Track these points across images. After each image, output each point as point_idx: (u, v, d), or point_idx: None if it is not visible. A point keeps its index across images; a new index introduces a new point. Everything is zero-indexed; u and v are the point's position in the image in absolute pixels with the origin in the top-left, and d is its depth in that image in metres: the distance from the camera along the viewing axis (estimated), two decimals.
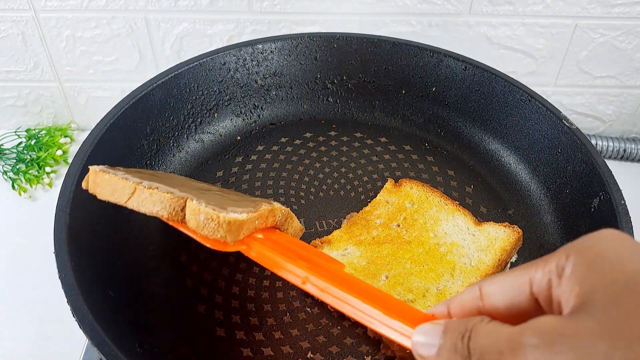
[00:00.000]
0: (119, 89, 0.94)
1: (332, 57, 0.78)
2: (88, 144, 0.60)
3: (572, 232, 0.62)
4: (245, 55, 0.76)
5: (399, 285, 0.57)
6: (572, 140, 0.65)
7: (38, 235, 0.80)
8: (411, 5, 0.84)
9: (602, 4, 0.83)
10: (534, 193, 0.69)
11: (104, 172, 0.48)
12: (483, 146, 0.75)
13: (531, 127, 0.70)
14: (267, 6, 0.84)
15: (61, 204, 0.54)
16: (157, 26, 0.86)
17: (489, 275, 0.58)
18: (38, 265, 0.76)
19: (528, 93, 0.70)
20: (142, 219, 0.65)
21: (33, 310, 0.72)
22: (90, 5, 0.84)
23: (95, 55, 0.90)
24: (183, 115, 0.73)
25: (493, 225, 0.63)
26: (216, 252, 0.63)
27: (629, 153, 0.94)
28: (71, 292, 0.48)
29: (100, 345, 0.44)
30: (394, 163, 0.75)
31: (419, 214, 0.64)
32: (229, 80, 0.76)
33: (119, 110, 0.65)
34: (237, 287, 0.60)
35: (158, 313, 0.57)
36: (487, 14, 0.85)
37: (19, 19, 0.85)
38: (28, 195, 0.87)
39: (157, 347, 0.54)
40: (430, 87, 0.78)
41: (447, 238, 0.62)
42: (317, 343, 0.55)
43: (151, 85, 0.68)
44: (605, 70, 0.91)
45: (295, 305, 0.58)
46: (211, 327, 0.56)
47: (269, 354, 0.54)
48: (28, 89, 0.94)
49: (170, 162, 0.71)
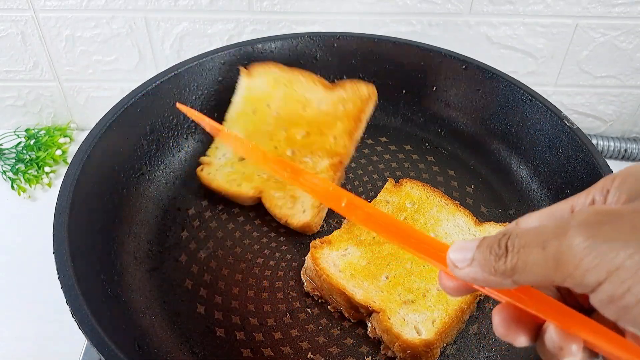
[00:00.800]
0: (119, 89, 0.94)
1: (332, 57, 0.78)
2: (87, 144, 0.60)
3: None
4: (245, 55, 0.76)
5: (400, 285, 0.57)
6: (572, 140, 0.65)
7: (37, 235, 0.79)
8: (411, 5, 0.84)
9: (603, 4, 0.82)
10: (535, 193, 0.69)
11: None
12: (483, 146, 0.75)
13: (532, 127, 0.70)
14: (267, 6, 0.84)
15: (60, 204, 0.54)
16: (156, 26, 0.86)
17: None
18: (38, 265, 0.76)
19: (529, 93, 0.70)
20: (142, 219, 0.65)
21: (33, 310, 0.71)
22: (89, 5, 0.84)
23: (95, 55, 0.90)
24: (183, 115, 0.73)
25: (494, 225, 0.63)
26: (216, 251, 0.63)
27: (630, 153, 0.93)
28: (71, 292, 0.47)
29: (100, 346, 0.44)
30: (395, 163, 0.74)
31: (419, 214, 0.64)
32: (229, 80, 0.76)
33: (118, 110, 0.65)
34: (236, 287, 0.60)
35: (157, 313, 0.57)
36: (487, 13, 0.84)
37: (18, 18, 0.85)
38: (27, 195, 0.87)
39: (156, 348, 0.53)
40: (431, 87, 0.78)
41: (447, 238, 0.62)
42: (317, 344, 0.55)
43: (151, 85, 0.68)
44: (606, 70, 0.91)
45: (295, 305, 0.58)
46: (211, 327, 0.56)
47: (269, 354, 0.54)
48: (27, 88, 0.94)
49: (170, 162, 0.71)
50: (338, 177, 0.67)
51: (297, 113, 0.70)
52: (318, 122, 0.69)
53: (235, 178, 0.67)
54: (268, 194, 0.65)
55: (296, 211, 0.63)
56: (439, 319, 0.54)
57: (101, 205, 0.61)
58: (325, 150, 0.67)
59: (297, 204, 0.64)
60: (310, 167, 0.66)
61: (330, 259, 0.58)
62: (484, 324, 0.57)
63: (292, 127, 0.69)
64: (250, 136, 0.69)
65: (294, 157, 0.67)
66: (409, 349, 0.52)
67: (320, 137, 0.68)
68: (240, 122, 0.71)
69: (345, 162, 0.68)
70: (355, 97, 0.69)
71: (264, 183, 0.66)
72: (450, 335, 0.55)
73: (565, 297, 0.33)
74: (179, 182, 0.70)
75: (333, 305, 0.58)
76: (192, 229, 0.65)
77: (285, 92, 0.71)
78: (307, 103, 0.70)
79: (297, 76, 0.72)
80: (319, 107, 0.70)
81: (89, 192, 0.58)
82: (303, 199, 0.64)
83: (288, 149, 0.68)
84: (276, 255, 0.63)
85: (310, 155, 0.67)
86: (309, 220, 0.63)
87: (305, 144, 0.68)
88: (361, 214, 0.38)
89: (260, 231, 0.65)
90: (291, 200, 0.64)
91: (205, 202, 0.68)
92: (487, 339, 0.56)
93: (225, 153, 0.70)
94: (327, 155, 0.67)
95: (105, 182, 0.62)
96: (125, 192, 0.65)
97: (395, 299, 0.55)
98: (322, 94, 0.70)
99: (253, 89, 0.72)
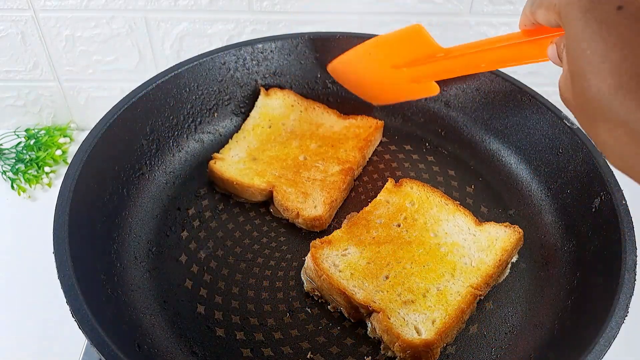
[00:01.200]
0: (119, 89, 0.94)
1: (332, 56, 0.77)
2: (87, 144, 0.60)
3: (573, 232, 0.62)
4: (245, 54, 0.76)
5: (400, 285, 0.57)
6: (573, 140, 0.65)
7: (37, 235, 0.79)
8: (411, 5, 0.84)
9: None
10: (535, 193, 0.69)
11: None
12: (484, 146, 0.75)
13: (532, 126, 0.70)
14: (267, 6, 0.84)
15: (60, 204, 0.54)
16: (156, 26, 0.86)
17: (489, 275, 0.58)
18: (38, 265, 0.76)
19: (529, 93, 0.70)
20: (142, 219, 0.65)
21: (33, 310, 0.72)
22: (89, 5, 0.84)
23: (95, 55, 0.90)
24: (183, 115, 0.73)
25: (494, 225, 0.63)
26: (216, 251, 0.63)
27: None
28: (71, 292, 0.47)
29: (100, 345, 0.44)
30: (395, 163, 0.74)
31: (419, 213, 0.64)
32: (228, 80, 0.76)
33: (118, 110, 0.65)
34: (236, 287, 0.60)
35: (157, 313, 0.57)
36: (487, 13, 0.84)
37: (18, 18, 0.85)
38: (27, 195, 0.87)
39: (156, 348, 0.53)
40: None
41: (447, 238, 0.62)
42: (317, 343, 0.55)
43: (151, 85, 0.68)
44: None
45: (295, 305, 0.58)
46: (211, 327, 0.56)
47: (269, 354, 0.54)
48: (27, 88, 0.94)
49: (170, 162, 0.71)
50: (348, 181, 0.68)
51: (310, 130, 0.74)
52: (331, 139, 0.73)
53: (248, 173, 0.68)
54: (280, 188, 0.66)
55: (308, 205, 0.65)
56: (439, 318, 0.54)
57: (101, 205, 0.61)
58: (336, 158, 0.70)
59: (308, 200, 0.65)
60: (321, 171, 0.68)
61: (330, 259, 0.58)
62: (484, 324, 0.57)
63: (305, 139, 0.73)
64: (264, 144, 0.72)
65: (306, 161, 0.70)
66: (409, 349, 0.52)
67: (332, 149, 0.71)
68: (255, 132, 0.74)
69: (355, 171, 0.70)
70: (365, 125, 0.74)
71: (276, 179, 0.67)
72: (450, 335, 0.55)
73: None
74: (179, 182, 0.70)
75: (333, 305, 0.58)
76: (192, 229, 0.65)
77: (301, 115, 0.75)
78: (320, 125, 0.74)
79: (312, 105, 0.77)
80: (332, 129, 0.74)
81: (89, 192, 0.58)
82: (315, 196, 0.66)
83: (301, 155, 0.70)
84: (276, 255, 0.63)
85: (322, 161, 0.70)
86: (320, 214, 0.64)
87: (318, 153, 0.71)
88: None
89: (260, 231, 0.65)
90: (303, 196, 0.65)
91: (206, 202, 0.68)
92: (487, 339, 0.56)
93: (238, 152, 0.71)
94: (338, 163, 0.69)
95: (105, 182, 0.62)
96: (126, 192, 0.65)
97: (395, 299, 0.55)
98: (334, 120, 0.75)
99: (270, 108, 0.76)
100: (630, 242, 0.54)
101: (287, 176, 0.68)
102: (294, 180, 0.67)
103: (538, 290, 0.60)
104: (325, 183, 0.67)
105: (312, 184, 0.67)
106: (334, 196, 0.66)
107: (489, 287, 0.59)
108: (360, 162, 0.71)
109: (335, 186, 0.66)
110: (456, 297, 0.56)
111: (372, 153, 0.75)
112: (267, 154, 0.71)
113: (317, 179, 0.67)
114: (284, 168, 0.69)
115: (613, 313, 0.48)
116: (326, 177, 0.67)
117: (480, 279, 0.58)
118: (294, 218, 0.65)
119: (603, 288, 0.53)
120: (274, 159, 0.70)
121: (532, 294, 0.60)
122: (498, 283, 0.60)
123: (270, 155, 0.71)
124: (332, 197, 0.65)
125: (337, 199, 0.66)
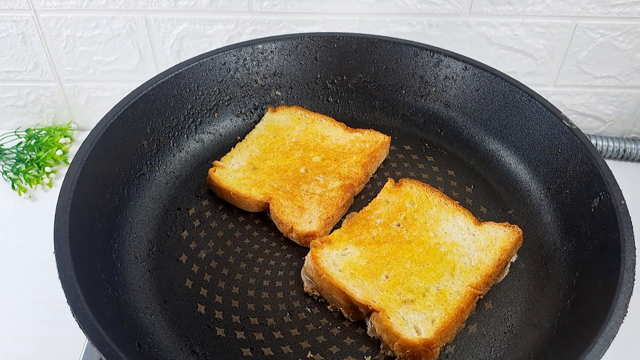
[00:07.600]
0: (119, 89, 0.94)
1: (332, 57, 0.78)
2: (88, 144, 0.60)
3: (572, 232, 0.62)
4: (245, 55, 0.76)
5: (399, 284, 0.57)
6: (572, 140, 0.65)
7: (38, 235, 0.80)
8: (411, 5, 0.84)
9: (602, 4, 0.83)
10: (534, 193, 0.69)
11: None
12: (483, 146, 0.75)
13: (531, 127, 0.70)
14: (267, 6, 0.84)
15: (61, 204, 0.54)
16: (157, 26, 0.86)
17: (489, 275, 0.58)
18: (38, 265, 0.76)
19: (528, 93, 0.70)
20: (142, 219, 0.65)
21: (33, 310, 0.72)
22: (90, 5, 0.84)
23: (95, 55, 0.90)
24: (183, 115, 0.73)
25: (493, 225, 0.63)
26: (216, 251, 0.63)
27: (629, 153, 0.94)
28: (71, 292, 0.48)
29: (100, 345, 0.44)
30: (394, 163, 0.75)
31: (419, 213, 0.64)
32: (229, 80, 0.76)
33: (119, 110, 0.65)
34: (236, 287, 0.60)
35: (158, 313, 0.57)
36: (487, 14, 0.85)
37: (18, 19, 0.85)
38: (28, 195, 0.87)
39: (156, 347, 0.54)
40: (431, 87, 0.78)
41: (447, 238, 0.62)
42: (317, 343, 0.55)
43: (151, 85, 0.68)
44: (605, 70, 0.91)
45: (295, 305, 0.58)
46: (211, 327, 0.56)
47: (269, 353, 0.54)
48: (28, 89, 0.94)
49: (170, 162, 0.71)
50: (347, 198, 0.67)
51: (315, 142, 0.73)
52: (334, 152, 0.72)
53: (246, 183, 0.68)
54: (277, 201, 0.65)
55: (303, 220, 0.64)
56: (438, 318, 0.54)
57: (102, 205, 0.61)
58: (338, 173, 0.69)
59: (304, 214, 0.64)
60: (321, 185, 0.67)
61: (330, 259, 0.59)
62: (484, 323, 0.57)
63: (308, 151, 0.72)
64: (266, 152, 0.72)
65: (307, 174, 0.69)
66: (408, 348, 0.52)
67: (335, 163, 0.71)
68: (259, 141, 0.74)
69: (356, 188, 0.69)
70: (372, 140, 0.73)
71: (274, 191, 0.66)
72: (450, 334, 0.55)
73: None
74: (179, 182, 0.70)
75: (333, 305, 0.58)
76: (192, 229, 0.65)
77: (307, 127, 0.75)
78: (325, 137, 0.74)
79: (319, 118, 0.77)
80: (337, 141, 0.74)
81: (89, 192, 0.58)
82: (311, 210, 0.64)
83: (302, 167, 0.70)
84: (276, 255, 0.63)
85: (322, 175, 0.69)
86: (315, 230, 0.62)
87: (319, 166, 0.70)
88: None
89: (260, 231, 0.66)
90: (299, 210, 0.64)
91: (206, 202, 0.68)
92: (486, 339, 0.56)
93: (239, 160, 0.71)
94: (338, 178, 0.68)
95: (106, 182, 0.62)
96: (126, 192, 0.65)
97: (395, 299, 0.56)
98: (341, 133, 0.75)
99: (276, 121, 0.76)
100: (629, 241, 0.54)
101: (285, 188, 0.67)
102: (292, 193, 0.66)
103: (537, 289, 0.60)
104: (324, 198, 0.66)
105: (309, 198, 0.66)
106: (331, 212, 0.64)
107: (489, 286, 0.59)
108: (362, 179, 0.70)
109: (333, 202, 0.65)
110: (455, 296, 0.56)
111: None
112: (267, 164, 0.70)
113: (315, 193, 0.66)
114: (283, 179, 0.68)
115: (612, 313, 0.48)
116: (325, 192, 0.66)
117: (479, 278, 0.58)
118: (287, 232, 0.64)
119: (602, 288, 0.53)
120: (274, 170, 0.69)
121: (532, 294, 0.60)
122: (497, 283, 0.61)
123: (271, 165, 0.70)
124: (328, 214, 0.64)
125: (334, 215, 0.65)
